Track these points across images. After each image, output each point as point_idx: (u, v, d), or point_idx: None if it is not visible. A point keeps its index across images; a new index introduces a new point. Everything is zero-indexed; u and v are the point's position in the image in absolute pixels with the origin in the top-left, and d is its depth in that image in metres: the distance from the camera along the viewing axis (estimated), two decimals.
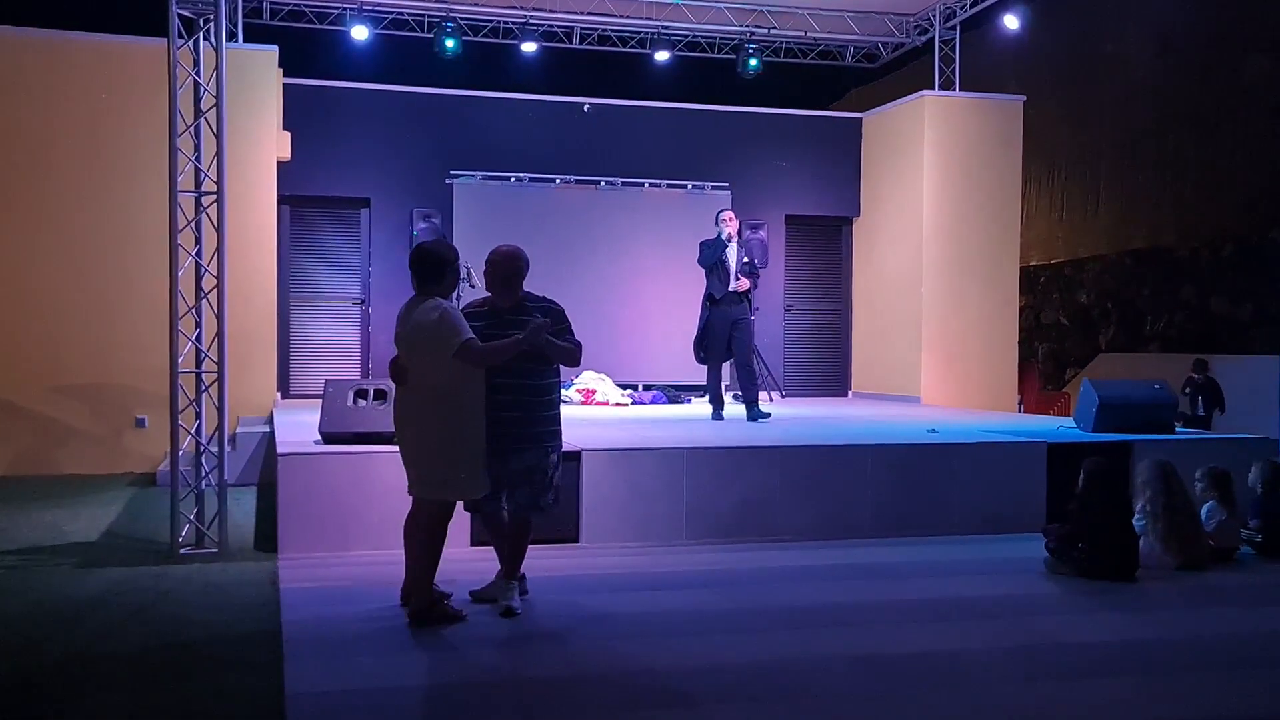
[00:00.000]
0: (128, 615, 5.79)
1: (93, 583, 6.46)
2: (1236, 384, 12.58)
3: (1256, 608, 6.22)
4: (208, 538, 7.32)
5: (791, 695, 4.58)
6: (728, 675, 4.82)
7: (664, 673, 4.83)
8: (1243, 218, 16.26)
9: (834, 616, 5.82)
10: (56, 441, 10.82)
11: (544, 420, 5.68)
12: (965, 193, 13.78)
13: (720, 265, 10.13)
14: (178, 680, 4.79)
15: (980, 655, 5.18)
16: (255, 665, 4.95)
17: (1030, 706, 4.51)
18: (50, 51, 11.06)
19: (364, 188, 13.19)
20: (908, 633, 5.54)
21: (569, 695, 4.58)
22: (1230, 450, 8.64)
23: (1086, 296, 19.56)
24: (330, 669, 4.83)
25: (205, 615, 5.79)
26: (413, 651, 5.13)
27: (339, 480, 7.18)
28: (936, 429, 9.32)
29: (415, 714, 4.39)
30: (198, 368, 7.53)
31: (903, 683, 4.79)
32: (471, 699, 4.54)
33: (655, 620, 5.68)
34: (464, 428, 5.47)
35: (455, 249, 5.85)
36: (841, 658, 5.09)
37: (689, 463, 7.73)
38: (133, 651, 5.18)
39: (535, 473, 5.63)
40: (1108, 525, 6.66)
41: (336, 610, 5.75)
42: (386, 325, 12.92)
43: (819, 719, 4.37)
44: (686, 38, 15.04)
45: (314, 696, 4.47)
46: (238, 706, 4.49)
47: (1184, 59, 17.56)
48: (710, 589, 6.37)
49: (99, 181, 11.00)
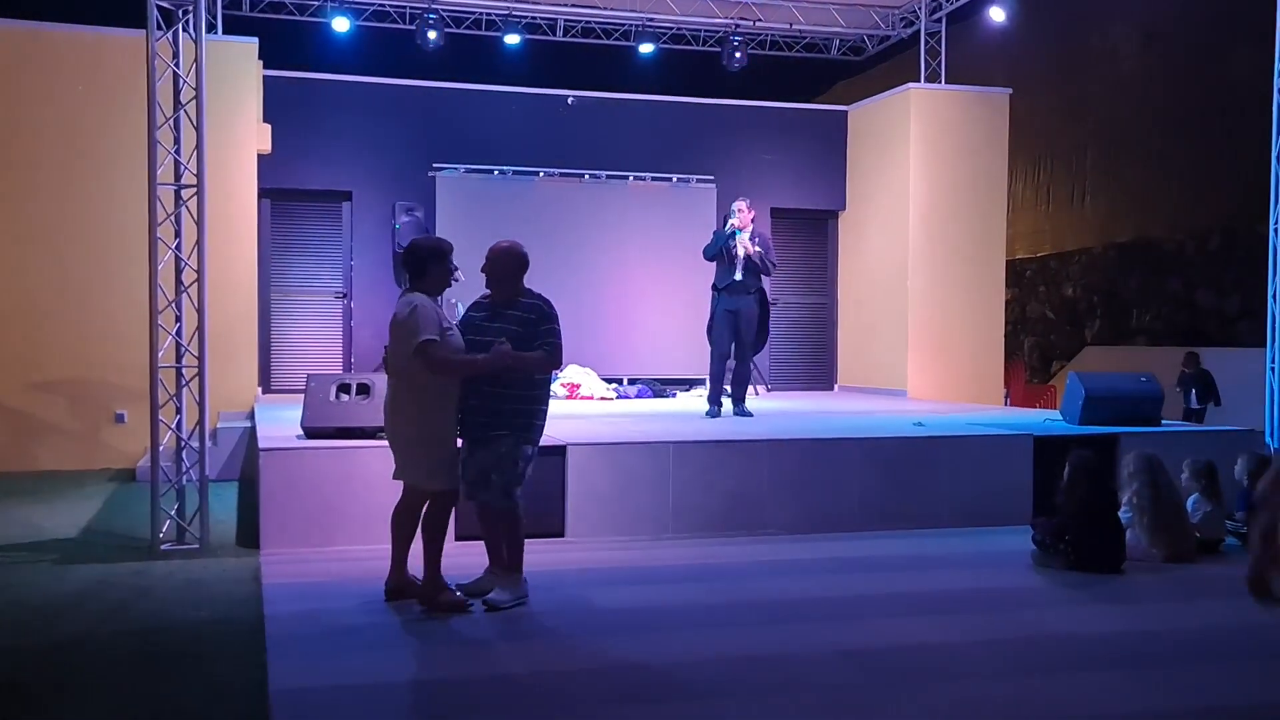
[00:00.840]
0: (108, 612, 5.73)
1: (72, 580, 6.39)
2: (1223, 377, 12.61)
3: (1242, 599, 6.20)
4: (189, 533, 7.25)
5: (779, 688, 4.55)
6: (715, 669, 4.79)
7: (650, 667, 4.80)
8: (1229, 210, 16.30)
9: (821, 610, 5.80)
10: (35, 437, 10.72)
11: (514, 413, 5.61)
12: (951, 186, 13.77)
13: (724, 255, 9.88)
14: (159, 677, 4.73)
15: (968, 648, 5.15)
16: (238, 661, 4.91)
17: (1018, 699, 4.48)
18: (26, 43, 10.95)
19: (345, 181, 13.09)
20: (895, 626, 5.52)
21: (554, 690, 4.53)
22: (1217, 442, 8.67)
23: (1073, 289, 19.60)
24: (314, 664, 4.78)
25: (187, 611, 5.74)
26: (397, 647, 5.09)
27: (321, 475, 7.12)
28: (923, 422, 9.30)
29: (400, 709, 4.34)
30: (178, 362, 7.46)
31: (890, 675, 4.76)
32: (456, 694, 4.50)
33: (642, 614, 5.65)
34: (436, 418, 5.55)
35: (446, 245, 5.82)
36: (829, 651, 5.06)
37: (675, 457, 7.69)
38: (113, 649, 5.13)
39: (505, 463, 5.58)
40: (1094, 518, 6.65)
41: (320, 605, 5.70)
42: (368, 319, 13.07)
43: (807, 712, 4.34)
44: (671, 30, 15.00)
45: (298, 692, 4.42)
46: (221, 703, 4.44)
47: (1170, 51, 17.60)
48: (697, 583, 6.33)
49: (77, 175, 10.89)
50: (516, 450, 5.62)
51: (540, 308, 5.71)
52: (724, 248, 9.88)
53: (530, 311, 5.67)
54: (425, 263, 5.68)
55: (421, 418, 5.56)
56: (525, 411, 5.66)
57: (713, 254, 10.00)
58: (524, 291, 5.79)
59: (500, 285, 5.77)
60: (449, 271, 5.77)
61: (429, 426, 5.56)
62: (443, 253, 5.75)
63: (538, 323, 5.65)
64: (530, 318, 5.65)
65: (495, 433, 5.58)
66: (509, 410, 5.59)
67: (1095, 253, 19.16)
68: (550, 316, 5.71)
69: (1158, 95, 17.71)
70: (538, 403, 5.73)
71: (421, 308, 5.51)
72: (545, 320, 5.68)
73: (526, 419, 5.67)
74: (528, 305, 5.71)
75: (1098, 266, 19.05)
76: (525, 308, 5.69)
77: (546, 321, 5.68)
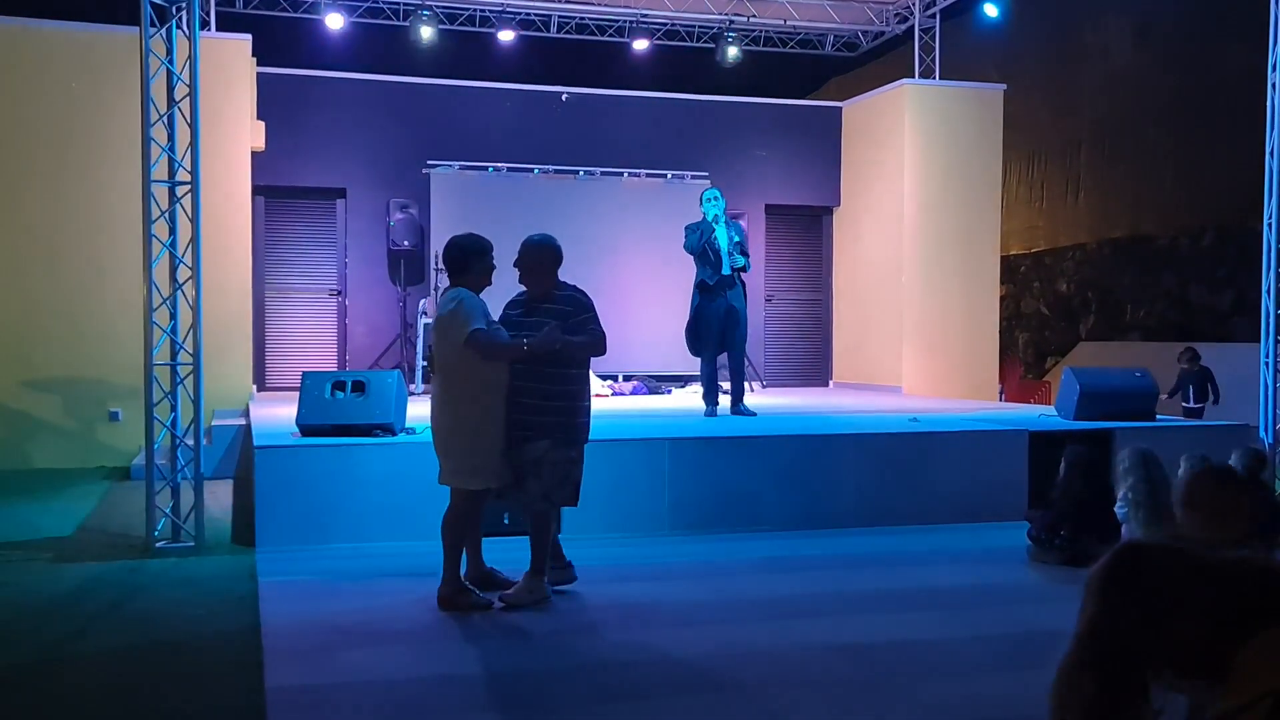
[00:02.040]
0: (103, 610, 5.73)
1: (67, 578, 6.38)
2: (1218, 372, 12.61)
3: None
4: (184, 531, 7.24)
5: (775, 684, 4.55)
6: (711, 664, 4.78)
7: (646, 663, 4.81)
8: (1223, 206, 16.31)
9: (817, 606, 5.80)
10: (28, 435, 10.69)
11: (556, 410, 5.57)
12: (946, 182, 13.78)
13: (709, 249, 9.28)
14: (155, 676, 4.73)
15: (963, 643, 5.16)
16: (234, 659, 4.90)
17: (1013, 695, 4.47)
18: (19, 40, 10.91)
19: (340, 178, 13.08)
20: (890, 621, 5.52)
21: (551, 686, 4.54)
22: (1212, 437, 8.66)
23: (1067, 285, 19.61)
24: (310, 663, 4.78)
25: (182, 609, 5.73)
26: (393, 645, 5.08)
27: (317, 473, 7.11)
28: (918, 418, 9.30)
29: (396, 707, 4.33)
30: (173, 360, 7.44)
31: (886, 671, 4.77)
32: (450, 692, 4.50)
33: (637, 611, 5.64)
34: (481, 416, 5.55)
35: (486, 241, 5.79)
36: (825, 647, 5.06)
37: (670, 454, 7.69)
38: (108, 647, 5.12)
39: (544, 465, 5.56)
40: (1090, 513, 6.65)
41: (316, 604, 5.70)
42: (363, 316, 13.07)
43: (803, 707, 4.34)
44: (665, 26, 14.98)
45: (294, 690, 4.42)
46: (217, 701, 4.43)
47: (1164, 47, 17.61)
48: (693, 579, 6.34)
49: (71, 172, 10.86)
50: (555, 453, 5.56)
51: (577, 299, 5.69)
52: (707, 242, 9.27)
53: (567, 304, 5.66)
54: (466, 258, 5.70)
55: (465, 414, 5.57)
56: (564, 410, 5.59)
57: (698, 248, 9.32)
58: (560, 285, 5.77)
59: (535, 279, 5.76)
60: (490, 267, 5.76)
61: (472, 423, 5.56)
62: (483, 248, 5.74)
63: (575, 314, 5.63)
64: (567, 310, 5.64)
65: (534, 435, 5.55)
66: (549, 410, 5.55)
67: (1089, 248, 19.18)
68: (587, 306, 5.69)
69: (1151, 91, 17.73)
70: (573, 400, 5.64)
71: (467, 300, 5.56)
72: (583, 310, 5.66)
73: (566, 418, 5.60)
74: (563, 298, 5.69)
75: (1092, 262, 19.06)
76: (562, 300, 5.68)
77: (584, 311, 5.66)
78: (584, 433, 5.73)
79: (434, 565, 5.92)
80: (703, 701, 4.39)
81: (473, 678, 4.67)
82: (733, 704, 4.36)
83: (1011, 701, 4.41)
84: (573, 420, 5.63)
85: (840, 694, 4.51)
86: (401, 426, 7.68)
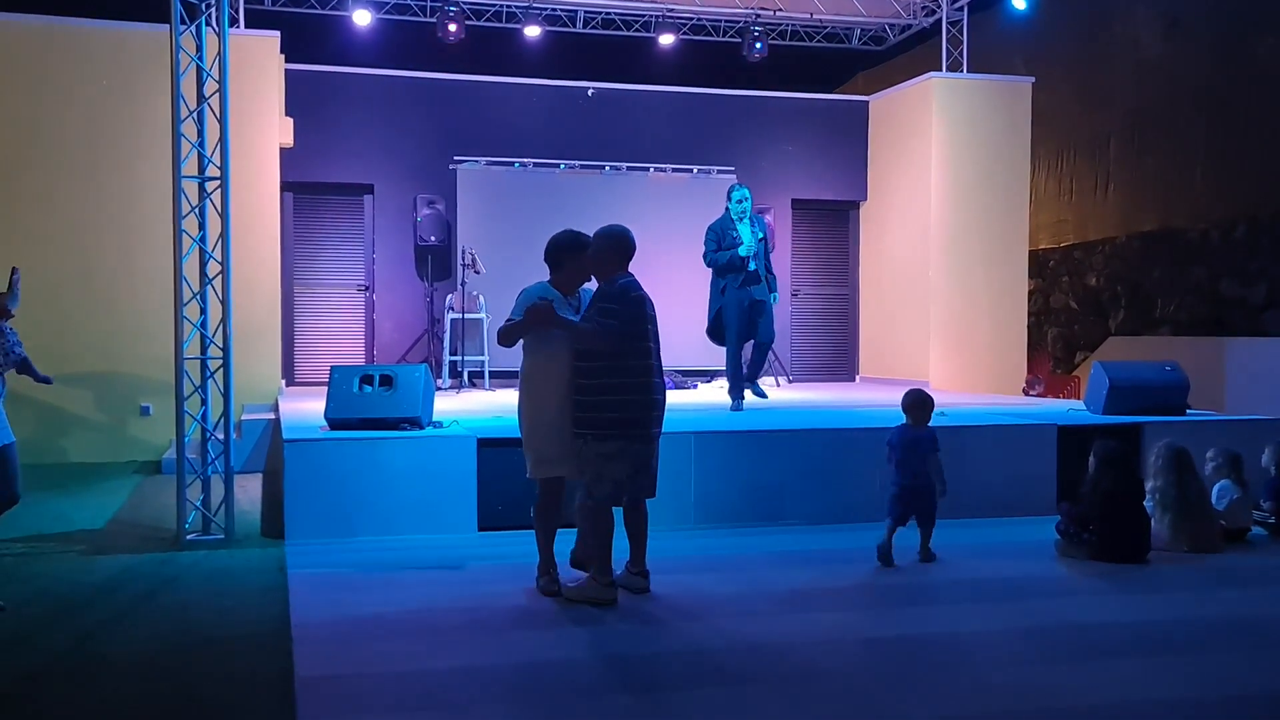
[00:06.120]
0: (135, 602, 5.78)
1: (100, 570, 6.45)
2: (1249, 367, 12.49)
3: (1268, 588, 6.18)
4: (214, 524, 7.31)
5: (801, 676, 4.55)
6: (736, 657, 4.79)
7: (671, 655, 4.81)
8: (1254, 199, 16.14)
9: (844, 599, 5.80)
10: (61, 430, 10.81)
11: (583, 405, 5.51)
12: (973, 176, 13.70)
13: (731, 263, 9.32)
14: (186, 666, 4.78)
15: (992, 636, 5.15)
16: (264, 650, 4.94)
17: (1042, 687, 4.47)
18: (52, 39, 11.03)
19: (367, 174, 13.15)
20: (918, 614, 5.52)
21: (575, 677, 4.55)
22: (1243, 431, 8.59)
23: (1096, 279, 19.46)
24: (339, 653, 4.81)
25: (212, 601, 5.79)
26: (421, 636, 5.10)
27: (346, 467, 7.15)
28: (945, 412, 9.25)
29: (424, 697, 4.35)
30: (203, 355, 7.50)
31: (913, 664, 4.76)
32: (478, 681, 4.51)
33: (663, 603, 5.65)
34: (543, 408, 5.63)
35: (583, 238, 5.77)
36: (853, 639, 5.06)
37: (696, 448, 7.69)
38: (140, 638, 5.17)
39: (583, 460, 5.55)
40: (1119, 508, 6.61)
41: (344, 595, 5.74)
42: (390, 311, 13.13)
43: (830, 698, 4.33)
44: (691, 21, 14.97)
45: (323, 680, 4.45)
46: (247, 690, 4.48)
47: (1194, 38, 17.43)
48: (719, 572, 6.34)
49: (101, 169, 10.97)
50: (588, 449, 5.50)
51: (605, 289, 5.60)
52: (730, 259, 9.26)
53: (599, 295, 5.62)
54: (559, 254, 5.77)
55: (534, 407, 5.67)
56: (590, 404, 5.49)
57: (725, 265, 9.32)
58: (620, 275, 5.69)
59: (596, 271, 5.75)
60: (585, 264, 5.76)
61: (538, 416, 5.65)
62: (578, 246, 5.74)
63: (596, 302, 5.60)
64: (594, 299, 5.63)
65: (576, 430, 5.55)
66: (581, 405, 5.53)
67: (1119, 243, 19.01)
68: (608, 296, 5.55)
69: (1181, 83, 17.56)
70: (598, 394, 5.48)
71: (526, 295, 5.67)
72: (600, 299, 5.59)
73: (593, 413, 5.48)
74: (603, 290, 5.64)
75: (1121, 256, 18.91)
76: (602, 290, 5.65)
77: (600, 300, 5.58)
78: (620, 427, 5.49)
79: (461, 557, 5.97)
80: (727, 694, 4.40)
81: (499, 668, 4.68)
82: (758, 696, 4.36)
83: (1040, 694, 4.40)
84: (600, 414, 5.47)
85: (867, 686, 4.50)
86: (429, 420, 7.71)
